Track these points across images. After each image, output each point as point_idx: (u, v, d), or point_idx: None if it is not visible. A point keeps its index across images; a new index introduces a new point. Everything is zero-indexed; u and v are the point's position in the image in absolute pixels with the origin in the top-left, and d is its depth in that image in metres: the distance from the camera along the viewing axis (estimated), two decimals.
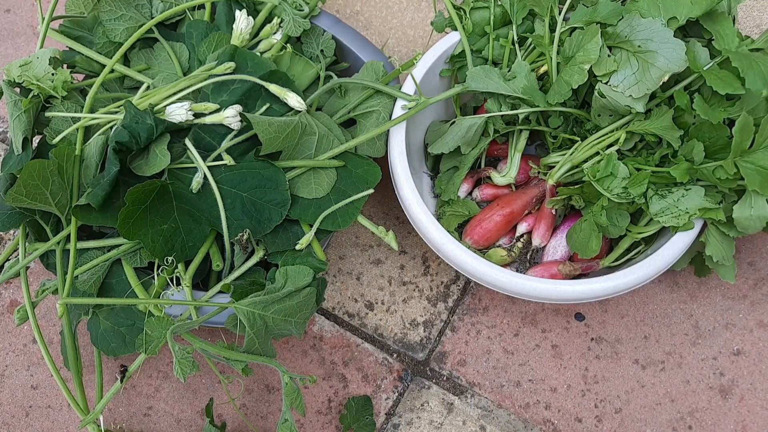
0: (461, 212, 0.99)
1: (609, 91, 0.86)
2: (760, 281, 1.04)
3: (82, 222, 0.84)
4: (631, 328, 1.02)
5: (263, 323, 0.80)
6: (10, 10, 1.27)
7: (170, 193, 0.84)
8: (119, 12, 0.96)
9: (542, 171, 0.98)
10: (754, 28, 1.20)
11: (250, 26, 0.95)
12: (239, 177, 0.88)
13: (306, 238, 0.89)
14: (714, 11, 0.88)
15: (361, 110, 0.97)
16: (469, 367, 1.01)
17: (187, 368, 0.77)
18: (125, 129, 0.83)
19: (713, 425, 0.97)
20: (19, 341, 1.03)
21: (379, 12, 1.24)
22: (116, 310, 0.88)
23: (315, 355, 1.01)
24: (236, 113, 0.88)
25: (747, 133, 0.81)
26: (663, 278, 1.04)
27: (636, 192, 0.86)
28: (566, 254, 0.96)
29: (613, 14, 0.88)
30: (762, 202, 0.82)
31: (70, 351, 0.86)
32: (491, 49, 0.97)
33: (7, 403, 1.00)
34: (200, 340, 0.80)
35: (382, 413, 0.98)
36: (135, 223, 0.81)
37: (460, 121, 0.96)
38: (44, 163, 0.81)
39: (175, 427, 0.98)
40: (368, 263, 1.07)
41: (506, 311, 1.04)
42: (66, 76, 0.91)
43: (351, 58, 1.03)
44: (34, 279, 1.07)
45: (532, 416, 0.98)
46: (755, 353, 1.00)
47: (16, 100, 0.89)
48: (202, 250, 0.87)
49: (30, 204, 0.81)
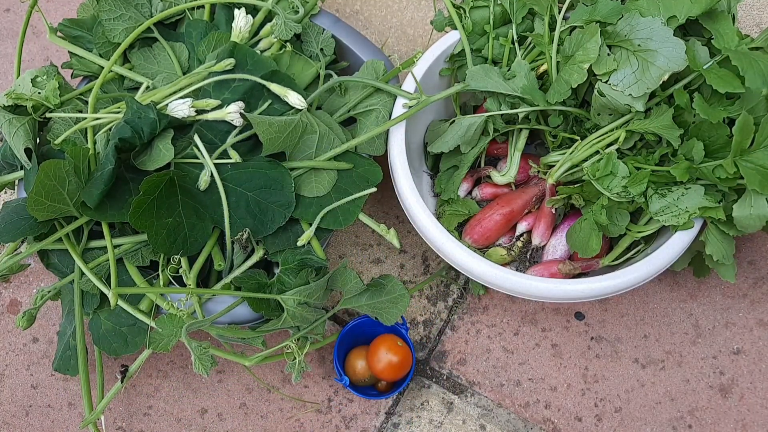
0: (461, 211, 0.99)
1: (609, 90, 0.86)
2: (759, 280, 1.04)
3: (90, 218, 0.84)
4: (631, 327, 1.02)
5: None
6: (10, 9, 1.27)
7: (177, 187, 0.84)
8: (119, 11, 0.96)
9: (542, 170, 0.98)
10: (754, 26, 1.20)
11: (249, 24, 0.95)
12: (245, 176, 0.88)
13: (307, 234, 0.89)
14: (714, 10, 0.88)
15: (361, 109, 0.97)
16: (469, 366, 1.01)
17: (207, 363, 0.79)
18: (127, 124, 0.83)
19: (713, 424, 0.97)
20: (19, 341, 1.03)
21: (379, 11, 1.24)
22: (118, 311, 0.88)
23: (315, 354, 1.01)
24: (239, 109, 0.88)
25: (747, 132, 0.81)
26: (663, 277, 1.04)
27: (636, 191, 0.86)
28: (566, 253, 0.96)
29: (613, 13, 0.88)
30: (762, 201, 0.82)
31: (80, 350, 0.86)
32: (491, 48, 0.97)
33: (7, 403, 1.00)
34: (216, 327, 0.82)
35: (382, 412, 0.99)
36: (144, 213, 0.81)
37: (459, 120, 0.96)
38: (59, 163, 0.81)
39: (175, 427, 0.98)
40: (368, 262, 1.07)
41: (506, 310, 1.04)
42: (54, 85, 0.91)
43: (351, 57, 1.03)
44: (34, 279, 1.07)
45: (532, 415, 0.98)
46: (755, 352, 1.00)
47: (10, 119, 0.89)
48: (207, 248, 0.87)
49: (49, 205, 0.81)
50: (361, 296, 0.88)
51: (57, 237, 0.86)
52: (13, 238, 0.85)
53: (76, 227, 0.87)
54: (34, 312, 0.91)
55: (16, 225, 0.84)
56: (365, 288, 0.87)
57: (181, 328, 0.78)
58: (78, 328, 0.87)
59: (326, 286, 0.86)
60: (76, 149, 0.83)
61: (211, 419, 0.99)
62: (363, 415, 0.98)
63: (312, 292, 0.83)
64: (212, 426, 0.98)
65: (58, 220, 0.87)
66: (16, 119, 0.89)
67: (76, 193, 0.83)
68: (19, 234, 0.84)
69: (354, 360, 0.96)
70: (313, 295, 0.84)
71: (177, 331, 0.80)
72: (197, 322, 0.79)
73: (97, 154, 0.87)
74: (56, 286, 0.91)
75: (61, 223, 0.87)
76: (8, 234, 0.84)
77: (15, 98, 0.90)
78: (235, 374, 1.01)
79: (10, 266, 0.92)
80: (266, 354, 0.85)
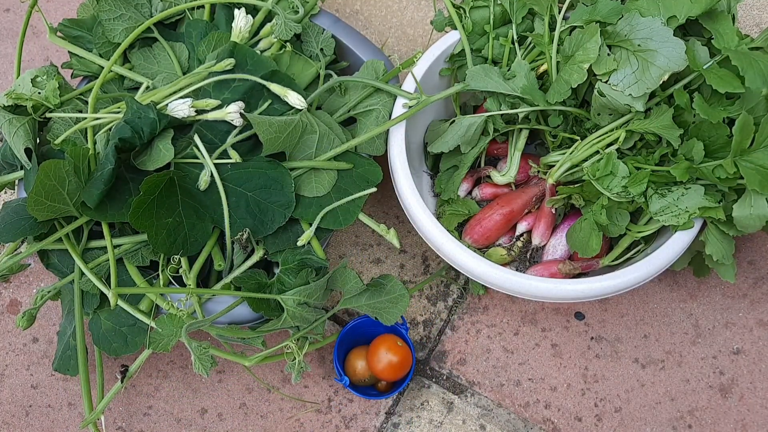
0: (461, 211, 0.99)
1: (609, 90, 0.86)
2: (759, 280, 1.04)
3: (90, 218, 0.84)
4: (630, 327, 1.02)
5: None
6: (10, 9, 1.27)
7: (177, 187, 0.84)
8: (119, 11, 0.96)
9: (542, 170, 0.98)
10: (754, 26, 1.20)
11: (249, 24, 0.95)
12: (245, 176, 0.88)
13: (307, 234, 0.89)
14: (713, 10, 0.88)
15: (361, 109, 0.97)
16: (469, 366, 1.01)
17: (207, 363, 0.79)
18: (127, 124, 0.83)
19: (713, 424, 0.97)
20: (18, 341, 1.03)
21: (379, 11, 1.24)
22: (117, 311, 0.88)
23: (315, 354, 1.01)
24: (239, 109, 0.88)
25: (747, 132, 0.81)
26: (663, 277, 1.04)
27: (636, 191, 0.86)
28: (566, 253, 0.96)
29: (613, 13, 0.88)
30: (762, 201, 0.82)
31: (80, 350, 0.86)
32: (491, 48, 0.97)
33: (7, 403, 1.00)
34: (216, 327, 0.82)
35: (382, 412, 0.99)
36: (144, 213, 0.81)
37: (459, 120, 0.96)
38: (59, 163, 0.81)
39: (175, 427, 0.98)
40: (368, 262, 1.07)
41: (506, 310, 1.04)
42: (54, 85, 0.91)
43: (350, 57, 1.03)
44: (34, 279, 1.07)
45: (532, 415, 0.98)
46: (755, 352, 1.00)
47: (10, 119, 0.89)
48: (207, 248, 0.87)
49: (49, 205, 0.81)
50: (361, 296, 0.88)
51: (57, 237, 0.86)
52: (13, 238, 0.85)
53: (76, 227, 0.87)
54: (34, 312, 0.91)
55: (16, 225, 0.84)
56: (365, 288, 0.87)
57: (181, 328, 0.78)
58: (78, 328, 0.87)
59: (326, 286, 0.86)
60: (76, 149, 0.83)
61: (211, 419, 0.99)
62: (363, 415, 0.98)
63: (312, 292, 0.83)
64: (212, 426, 0.98)
65: (58, 220, 0.87)
66: (16, 119, 0.89)
67: (76, 193, 0.83)
68: (19, 234, 0.84)
69: (354, 360, 0.96)
70: (313, 295, 0.84)
71: (177, 331, 0.80)
72: (197, 322, 0.79)
73: (97, 154, 0.87)
74: (56, 286, 0.91)
75: (61, 223, 0.87)
76: (8, 234, 0.84)
77: (15, 98, 0.90)
78: (235, 374, 1.01)
79: (10, 266, 0.92)
80: (266, 354, 0.85)
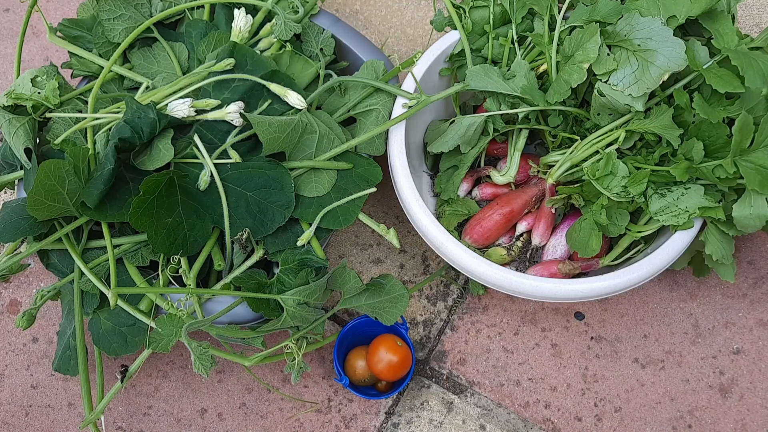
0: (461, 211, 0.99)
1: (608, 89, 0.86)
2: (759, 280, 1.04)
3: (90, 218, 0.84)
4: (630, 327, 1.02)
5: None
6: (10, 9, 1.27)
7: (176, 187, 0.84)
8: (118, 11, 0.96)
9: (542, 170, 0.98)
10: (754, 26, 1.20)
11: (249, 24, 0.95)
12: (245, 176, 0.88)
13: (307, 234, 0.89)
14: (713, 10, 0.88)
15: (360, 108, 0.97)
16: (469, 366, 1.01)
17: (207, 363, 0.79)
18: (127, 124, 0.83)
19: (713, 424, 0.97)
20: (18, 341, 1.03)
21: (379, 11, 1.24)
22: (117, 311, 0.88)
23: (315, 354, 1.01)
24: (239, 109, 0.88)
25: (746, 132, 0.81)
26: (663, 277, 1.04)
27: (636, 191, 0.86)
28: (566, 253, 0.96)
29: (613, 13, 0.88)
30: (761, 201, 0.82)
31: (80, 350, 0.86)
32: (491, 48, 0.97)
33: (7, 403, 1.00)
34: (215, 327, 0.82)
35: (382, 412, 0.99)
36: (143, 213, 0.81)
37: (459, 120, 0.96)
38: (59, 162, 0.80)
39: (175, 427, 0.98)
40: (368, 262, 1.07)
41: (506, 310, 1.04)
42: (54, 85, 0.91)
43: (350, 57, 1.03)
44: (34, 279, 1.07)
45: (532, 415, 0.98)
46: (755, 352, 1.00)
47: (10, 119, 0.89)
48: (207, 248, 0.87)
49: (49, 205, 0.81)
50: (361, 296, 0.88)
51: (57, 237, 0.86)
52: (13, 238, 0.85)
53: (76, 227, 0.87)
54: (34, 312, 0.91)
55: (16, 225, 0.84)
56: (365, 288, 0.87)
57: (180, 328, 0.78)
58: (78, 328, 0.87)
59: (326, 286, 0.86)
60: (76, 149, 0.83)
61: (211, 419, 0.99)
62: (363, 415, 0.98)
63: (312, 292, 0.83)
64: (212, 426, 0.98)
65: (57, 220, 0.87)
66: (16, 119, 0.89)
67: (76, 193, 0.83)
68: (19, 234, 0.84)
69: (354, 360, 0.96)
70: (312, 295, 0.84)
71: (177, 331, 0.80)
72: (197, 322, 0.79)
73: (97, 154, 0.87)
74: (56, 286, 0.91)
75: (60, 223, 0.87)
76: (8, 234, 0.84)
77: (15, 98, 0.90)
78: (235, 374, 1.01)
79: (10, 266, 0.92)
80: (266, 354, 0.85)
